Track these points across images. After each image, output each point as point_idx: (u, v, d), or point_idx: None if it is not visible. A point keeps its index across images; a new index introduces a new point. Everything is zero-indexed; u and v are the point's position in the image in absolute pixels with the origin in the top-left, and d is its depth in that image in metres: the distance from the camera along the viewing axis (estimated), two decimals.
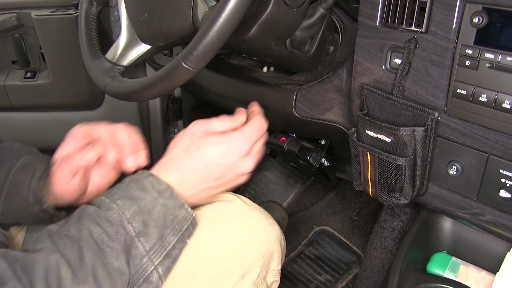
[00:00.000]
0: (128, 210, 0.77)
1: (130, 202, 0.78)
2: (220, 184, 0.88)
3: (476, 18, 0.70)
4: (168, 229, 0.79)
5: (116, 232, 0.75)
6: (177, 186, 0.82)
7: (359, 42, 0.86)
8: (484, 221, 0.83)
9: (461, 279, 0.95)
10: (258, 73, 1.15)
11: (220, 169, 0.86)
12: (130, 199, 0.78)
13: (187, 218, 0.82)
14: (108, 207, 0.77)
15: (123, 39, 0.96)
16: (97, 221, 0.75)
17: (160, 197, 0.80)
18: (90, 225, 0.75)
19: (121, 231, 0.75)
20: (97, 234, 0.74)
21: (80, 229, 0.74)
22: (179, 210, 0.81)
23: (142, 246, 0.76)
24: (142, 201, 0.78)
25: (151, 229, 0.77)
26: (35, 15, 1.60)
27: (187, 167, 0.84)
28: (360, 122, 0.88)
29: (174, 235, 0.80)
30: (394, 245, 1.26)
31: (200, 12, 0.80)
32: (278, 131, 1.28)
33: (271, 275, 0.97)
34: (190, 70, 0.74)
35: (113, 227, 0.75)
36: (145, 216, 0.77)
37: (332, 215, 1.84)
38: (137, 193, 0.79)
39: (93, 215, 0.76)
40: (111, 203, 0.78)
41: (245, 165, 0.88)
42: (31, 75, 1.74)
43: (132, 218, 0.77)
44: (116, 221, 0.76)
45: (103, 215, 0.76)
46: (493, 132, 0.74)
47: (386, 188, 0.91)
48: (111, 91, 0.91)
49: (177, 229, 0.80)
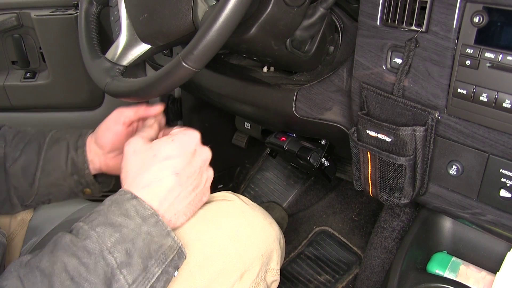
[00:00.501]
0: (109, 239, 0.71)
1: (111, 230, 0.72)
2: (193, 183, 0.85)
3: (476, 18, 0.70)
4: (152, 259, 0.73)
5: (95, 263, 0.68)
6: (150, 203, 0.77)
7: (359, 42, 0.86)
8: (485, 221, 0.83)
9: (461, 279, 0.95)
10: (258, 73, 1.15)
11: (186, 164, 0.82)
12: (111, 226, 0.72)
13: (173, 247, 0.76)
14: (86, 235, 0.71)
15: (123, 38, 0.96)
16: (74, 251, 0.69)
17: (144, 224, 0.74)
18: (65, 257, 0.68)
19: (100, 262, 0.69)
20: (72, 267, 0.68)
21: (53, 261, 0.68)
22: (164, 239, 0.75)
23: (124, 279, 0.69)
24: (125, 229, 0.72)
25: (135, 259, 0.71)
26: (35, 15, 1.60)
27: (153, 179, 0.80)
28: (360, 121, 0.88)
29: (158, 266, 0.73)
30: (394, 245, 1.26)
31: (200, 12, 0.80)
32: (278, 131, 1.28)
33: (270, 274, 0.97)
34: (190, 69, 0.74)
35: (92, 258, 0.69)
36: (128, 245, 0.71)
37: (332, 215, 1.83)
38: (119, 219, 0.73)
39: (69, 244, 0.70)
40: (89, 230, 0.71)
41: (204, 151, 0.88)
42: (31, 75, 1.74)
43: (113, 247, 0.70)
44: (95, 251, 0.69)
45: (80, 245, 0.70)
46: (493, 132, 0.74)
47: (387, 188, 0.91)
48: (111, 90, 0.91)
49: (162, 259, 0.74)
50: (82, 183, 1.02)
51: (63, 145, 0.99)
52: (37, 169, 0.98)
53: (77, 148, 0.99)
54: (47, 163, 0.98)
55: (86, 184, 1.02)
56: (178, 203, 0.83)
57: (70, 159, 0.98)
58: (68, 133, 1.02)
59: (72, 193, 1.03)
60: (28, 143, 1.00)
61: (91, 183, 1.02)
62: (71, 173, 0.99)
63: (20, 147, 0.99)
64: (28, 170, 0.98)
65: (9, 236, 1.08)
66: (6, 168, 0.98)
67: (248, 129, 1.51)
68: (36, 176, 0.98)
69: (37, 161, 0.98)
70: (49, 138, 1.01)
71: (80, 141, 1.00)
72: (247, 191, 2.02)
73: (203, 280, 0.86)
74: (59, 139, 1.01)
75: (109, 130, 0.99)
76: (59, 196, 1.03)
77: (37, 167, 0.98)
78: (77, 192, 1.03)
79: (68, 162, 0.98)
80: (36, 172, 0.98)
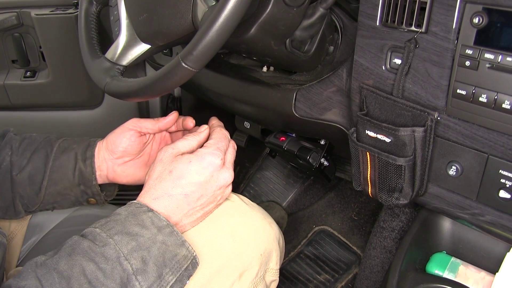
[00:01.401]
0: (126, 246, 0.74)
1: (128, 238, 0.75)
2: (202, 204, 0.87)
3: (476, 18, 0.70)
4: (167, 267, 0.75)
5: (112, 269, 0.71)
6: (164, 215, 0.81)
7: (359, 42, 0.86)
8: (484, 221, 0.83)
9: (460, 280, 0.95)
10: (258, 72, 1.15)
11: (197, 188, 0.85)
12: (128, 234, 0.75)
13: (187, 257, 0.79)
14: (104, 242, 0.74)
15: (123, 38, 0.96)
16: (92, 257, 0.72)
17: (160, 233, 0.77)
18: (83, 261, 0.72)
19: (117, 267, 0.72)
20: (90, 271, 0.71)
21: (72, 265, 0.71)
22: (179, 248, 0.78)
23: (140, 285, 0.72)
24: (141, 238, 0.75)
25: (150, 267, 0.74)
26: (35, 14, 1.60)
27: (163, 194, 0.83)
28: (359, 122, 0.88)
29: (173, 274, 0.76)
30: (394, 245, 1.26)
31: (200, 12, 0.80)
32: (277, 130, 1.28)
33: (269, 274, 0.97)
34: (190, 69, 0.74)
35: (109, 264, 0.72)
36: (144, 253, 0.74)
37: (331, 215, 1.83)
38: (135, 229, 0.76)
39: (87, 250, 0.73)
40: (107, 238, 0.75)
41: (224, 177, 0.88)
42: (31, 74, 1.74)
43: (130, 254, 0.73)
44: (112, 257, 0.72)
45: (98, 251, 0.73)
46: (493, 133, 0.74)
47: (386, 188, 0.91)
48: (111, 90, 0.91)
49: (177, 268, 0.77)
50: (88, 193, 1.02)
51: (71, 156, 0.99)
52: (44, 178, 0.98)
53: (86, 159, 0.99)
54: (54, 173, 0.98)
55: (91, 194, 1.02)
56: (186, 218, 0.86)
57: (78, 170, 0.99)
58: (75, 143, 1.02)
59: (77, 202, 1.03)
60: (35, 152, 0.99)
61: (97, 194, 1.02)
62: (78, 184, 0.99)
63: (27, 155, 0.99)
64: (35, 179, 0.98)
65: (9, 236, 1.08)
66: (13, 176, 0.97)
67: (248, 129, 1.51)
68: (43, 185, 0.98)
69: (44, 170, 0.98)
70: (57, 147, 1.01)
71: (89, 152, 1.00)
72: (247, 190, 2.02)
73: (201, 278, 0.86)
74: (67, 149, 1.01)
75: (124, 136, 1.00)
76: (64, 205, 1.03)
77: (44, 176, 0.98)
78: (82, 201, 1.04)
79: (76, 172, 0.99)
80: (43, 181, 0.98)
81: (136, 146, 1.01)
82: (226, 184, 0.89)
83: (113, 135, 1.00)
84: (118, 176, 1.02)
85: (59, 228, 1.15)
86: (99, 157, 1.00)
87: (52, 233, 1.15)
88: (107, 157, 1.01)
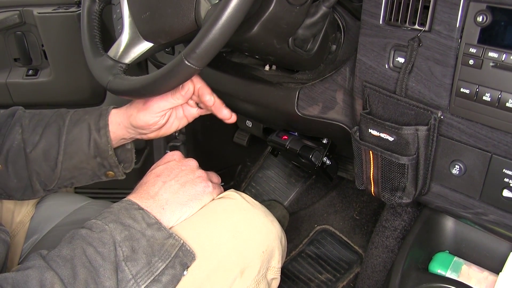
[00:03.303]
0: (120, 235, 0.79)
1: (121, 227, 0.80)
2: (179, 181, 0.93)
3: (480, 17, 0.69)
4: (156, 256, 0.80)
5: (108, 252, 0.77)
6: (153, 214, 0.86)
7: (362, 41, 0.86)
8: (487, 221, 0.83)
9: (463, 279, 0.95)
10: (260, 71, 1.15)
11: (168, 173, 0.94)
12: (121, 224, 0.81)
13: (174, 245, 0.83)
14: (101, 228, 0.80)
15: (125, 36, 0.96)
16: (90, 241, 0.77)
17: (149, 228, 0.83)
18: (83, 244, 0.77)
19: (112, 252, 0.77)
20: (90, 253, 0.76)
21: (73, 248, 0.76)
22: (166, 240, 0.83)
23: (129, 270, 0.77)
24: (132, 229, 0.81)
25: (139, 255, 0.79)
26: (37, 12, 1.60)
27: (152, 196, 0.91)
28: (362, 120, 0.87)
29: (162, 261, 0.81)
30: (396, 244, 1.25)
31: (203, 10, 0.79)
32: (280, 129, 1.28)
33: (271, 272, 0.97)
34: (193, 68, 0.74)
35: (106, 247, 0.77)
36: (134, 243, 0.80)
37: (333, 214, 1.83)
38: (128, 221, 0.82)
39: (85, 236, 0.78)
40: (103, 225, 0.80)
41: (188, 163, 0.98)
42: (33, 73, 1.74)
43: (122, 242, 0.79)
44: (109, 242, 0.78)
45: (95, 236, 0.78)
46: (496, 132, 0.74)
47: (389, 187, 0.90)
48: (113, 88, 0.91)
49: (165, 256, 0.81)
50: (105, 166, 1.02)
51: (84, 127, 0.99)
52: (59, 152, 0.98)
53: (100, 129, 0.99)
54: (68, 146, 0.98)
55: (109, 166, 1.02)
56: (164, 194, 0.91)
57: (92, 141, 0.98)
58: (87, 113, 1.02)
59: (95, 176, 1.04)
60: (47, 126, 0.99)
61: (114, 165, 1.03)
62: (94, 156, 0.99)
63: (39, 131, 0.98)
64: (50, 154, 0.98)
65: (11, 233, 1.08)
66: (27, 153, 0.97)
67: (250, 128, 1.50)
68: (58, 160, 0.98)
69: (58, 145, 0.98)
70: (69, 120, 1.00)
71: (102, 122, 0.99)
72: (248, 189, 2.03)
73: (201, 274, 0.86)
74: (78, 120, 1.00)
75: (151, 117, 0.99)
76: (82, 180, 1.03)
77: (59, 151, 0.98)
78: (100, 175, 1.04)
79: (91, 144, 0.98)
80: (58, 155, 0.98)
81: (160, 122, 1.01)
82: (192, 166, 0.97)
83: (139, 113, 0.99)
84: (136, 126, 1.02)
85: (61, 226, 1.15)
86: (114, 123, 1.00)
87: (53, 231, 1.15)
88: (126, 124, 1.01)
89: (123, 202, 0.87)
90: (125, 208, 0.85)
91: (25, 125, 1.00)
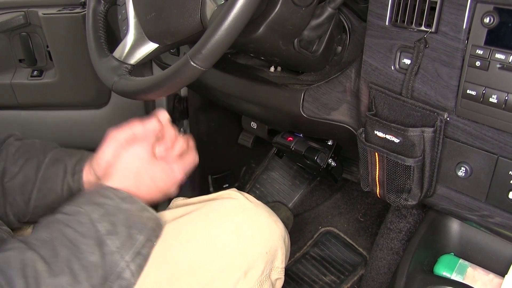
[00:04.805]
0: (96, 212, 0.79)
1: (95, 206, 0.80)
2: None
3: (487, 18, 0.69)
4: (134, 229, 0.81)
5: (87, 230, 0.77)
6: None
7: (368, 42, 0.86)
8: (493, 223, 0.82)
9: (468, 282, 0.95)
10: (266, 72, 1.15)
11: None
12: (95, 204, 0.81)
13: (150, 218, 0.85)
14: (75, 211, 0.80)
15: (131, 37, 0.96)
16: (67, 223, 0.77)
17: (123, 202, 0.83)
18: (61, 226, 0.77)
19: (91, 229, 0.77)
20: (69, 233, 0.76)
21: (51, 232, 0.76)
22: (142, 212, 0.84)
23: (113, 243, 0.78)
24: (107, 206, 0.81)
25: (119, 228, 0.79)
26: (42, 13, 1.60)
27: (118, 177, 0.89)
28: (368, 122, 0.87)
29: (140, 233, 0.82)
30: (401, 246, 1.25)
31: (209, 11, 0.79)
32: (285, 131, 1.28)
33: (275, 272, 0.97)
34: (198, 68, 0.74)
35: (84, 227, 0.77)
36: (112, 218, 0.80)
37: (337, 216, 1.83)
38: (100, 200, 0.82)
39: (61, 219, 0.78)
40: (77, 207, 0.80)
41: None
42: (38, 74, 1.74)
43: (100, 218, 0.79)
44: (86, 221, 0.78)
45: (72, 218, 0.78)
46: (503, 134, 0.74)
47: (394, 189, 0.90)
48: (119, 89, 0.91)
49: (142, 227, 0.82)
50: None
51: (60, 168, 0.97)
52: (34, 187, 0.96)
53: (74, 173, 0.97)
54: (43, 184, 0.96)
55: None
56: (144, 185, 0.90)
57: (66, 184, 0.96)
58: (68, 155, 0.99)
59: None
60: (28, 160, 0.97)
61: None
62: (66, 198, 0.96)
63: (20, 163, 0.97)
64: (26, 188, 0.96)
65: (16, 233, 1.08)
66: (4, 183, 0.96)
67: (255, 129, 1.50)
68: (32, 195, 0.96)
69: (34, 179, 0.96)
70: (49, 157, 0.98)
71: (78, 166, 0.97)
72: (253, 191, 2.02)
73: (205, 276, 0.86)
74: (58, 160, 0.98)
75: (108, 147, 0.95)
76: None
77: (34, 186, 0.96)
78: None
79: (64, 187, 0.96)
80: (33, 190, 0.96)
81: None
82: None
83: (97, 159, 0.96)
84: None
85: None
86: (87, 171, 0.97)
87: None
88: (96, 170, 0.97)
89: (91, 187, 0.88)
90: (95, 191, 0.85)
91: (11, 154, 0.98)
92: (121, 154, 0.91)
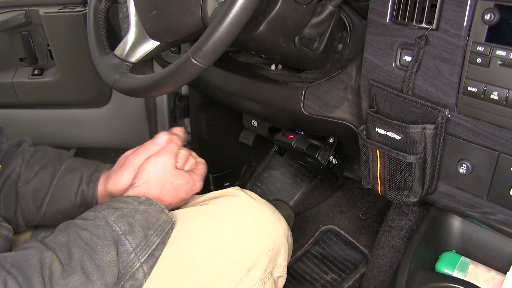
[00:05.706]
0: (113, 215, 0.81)
1: (113, 210, 0.82)
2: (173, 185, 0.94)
3: (487, 15, 0.69)
4: (151, 230, 0.83)
5: (103, 231, 0.78)
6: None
7: (368, 39, 0.86)
8: (495, 220, 0.82)
9: (470, 279, 0.95)
10: (266, 70, 1.15)
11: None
12: (113, 208, 0.83)
13: (167, 221, 0.87)
14: (93, 216, 0.81)
15: (132, 35, 0.96)
16: (85, 228, 0.79)
17: (141, 205, 0.85)
18: (78, 230, 0.78)
19: (108, 229, 0.79)
20: (85, 236, 0.77)
21: (68, 235, 0.78)
22: (160, 214, 0.86)
23: (129, 243, 0.79)
24: (125, 209, 0.83)
25: (136, 228, 0.81)
26: (43, 12, 1.61)
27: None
28: (369, 119, 0.87)
29: (157, 236, 0.83)
30: (402, 244, 1.25)
31: (210, 8, 0.80)
32: (286, 129, 1.28)
33: (277, 270, 0.97)
34: (200, 66, 0.74)
35: (100, 229, 0.79)
36: (129, 219, 0.82)
37: (339, 214, 1.83)
38: (119, 205, 0.84)
39: (79, 224, 0.80)
40: (96, 213, 0.82)
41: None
42: (39, 72, 1.74)
43: (117, 220, 0.80)
44: (102, 224, 0.79)
45: (89, 223, 0.80)
46: (504, 130, 0.74)
47: (396, 186, 0.90)
48: (120, 87, 0.91)
49: (160, 230, 0.84)
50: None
51: (76, 176, 0.99)
52: (47, 194, 0.98)
53: (90, 181, 0.99)
54: (57, 190, 0.98)
55: None
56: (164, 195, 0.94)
57: (80, 191, 0.98)
58: (85, 165, 1.02)
59: None
60: (44, 166, 0.99)
61: None
62: (79, 205, 0.99)
63: (36, 169, 0.98)
64: (38, 194, 0.98)
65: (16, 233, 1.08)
66: (17, 188, 0.97)
67: (256, 127, 1.50)
68: (45, 201, 0.98)
69: (48, 186, 0.98)
70: (65, 166, 1.00)
71: (95, 176, 1.00)
72: (254, 189, 2.02)
73: (208, 273, 0.86)
74: (74, 169, 1.00)
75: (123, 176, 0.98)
76: None
77: (47, 193, 0.98)
78: None
79: (78, 194, 0.98)
80: (46, 197, 0.98)
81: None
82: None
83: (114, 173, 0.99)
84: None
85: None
86: (104, 182, 1.00)
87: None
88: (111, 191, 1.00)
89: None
90: (115, 199, 0.87)
91: (26, 159, 1.00)
92: (145, 165, 0.94)
